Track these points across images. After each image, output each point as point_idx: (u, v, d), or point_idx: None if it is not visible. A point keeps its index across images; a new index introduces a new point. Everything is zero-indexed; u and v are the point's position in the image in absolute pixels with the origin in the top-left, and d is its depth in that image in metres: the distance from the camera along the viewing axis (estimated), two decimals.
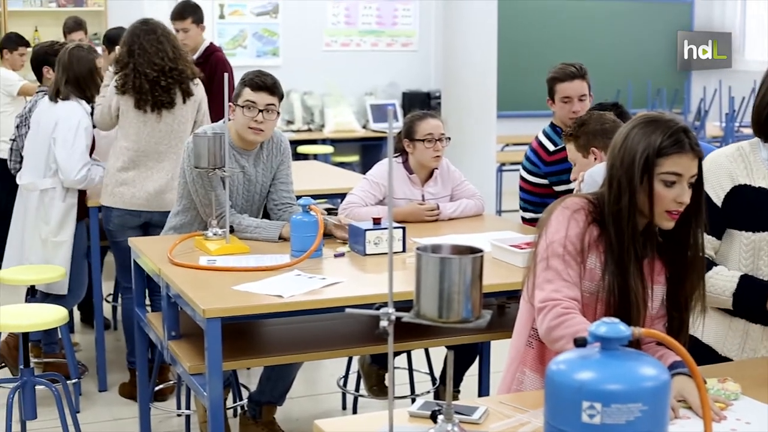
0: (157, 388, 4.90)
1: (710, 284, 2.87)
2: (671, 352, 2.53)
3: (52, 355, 5.46)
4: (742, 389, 2.51)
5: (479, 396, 4.53)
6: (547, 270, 2.58)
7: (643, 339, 2.32)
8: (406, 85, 11.40)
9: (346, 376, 5.07)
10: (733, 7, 12.94)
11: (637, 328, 1.81)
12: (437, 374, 5.01)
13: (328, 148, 10.14)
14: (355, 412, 4.99)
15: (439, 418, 2.12)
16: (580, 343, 1.75)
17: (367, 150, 10.87)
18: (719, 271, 2.93)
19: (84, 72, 5.21)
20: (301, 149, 9.76)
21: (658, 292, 2.67)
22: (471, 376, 4.77)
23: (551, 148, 4.66)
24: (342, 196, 4.70)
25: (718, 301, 2.93)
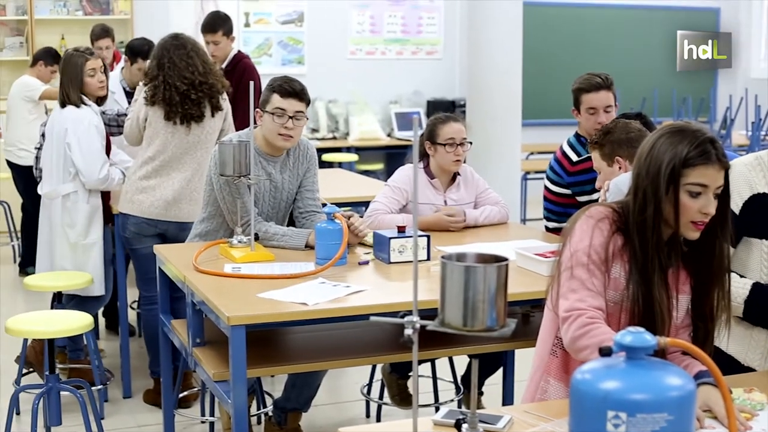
0: (181, 395, 4.92)
1: None
2: (696, 362, 2.52)
3: (78, 361, 5.49)
4: None
5: (503, 405, 4.52)
6: (572, 279, 2.57)
7: (668, 348, 2.31)
8: (431, 94, 11.41)
9: (370, 384, 5.07)
10: (759, 14, 12.87)
11: (662, 337, 1.81)
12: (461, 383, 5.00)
13: (353, 156, 10.16)
14: (378, 421, 4.99)
15: (464, 426, 2.12)
16: (606, 353, 1.75)
17: (392, 158, 10.88)
18: (732, 278, 2.93)
19: (72, 74, 5.21)
20: (326, 157, 9.78)
21: (683, 302, 2.66)
22: (495, 384, 4.76)
23: (575, 158, 4.65)
24: (366, 204, 4.71)
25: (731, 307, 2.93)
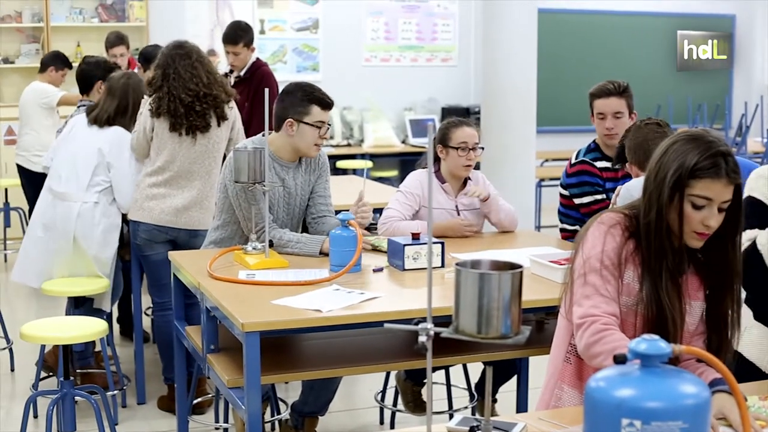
0: (195, 402, 4.92)
1: None
2: (711, 369, 2.51)
3: (87, 367, 5.50)
4: None
5: (517, 412, 4.51)
6: (585, 286, 2.57)
7: (682, 356, 2.30)
8: (446, 101, 11.41)
9: (384, 391, 5.06)
10: None
11: (677, 345, 1.80)
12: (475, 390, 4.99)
13: (368, 163, 10.16)
14: (392, 427, 4.98)
15: None
16: (620, 360, 1.74)
17: (406, 165, 10.85)
18: None
19: (136, 100, 5.22)
20: (341, 164, 9.78)
21: (697, 308, 2.65)
22: (509, 392, 4.75)
23: (574, 160, 4.69)
24: (380, 211, 4.71)
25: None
